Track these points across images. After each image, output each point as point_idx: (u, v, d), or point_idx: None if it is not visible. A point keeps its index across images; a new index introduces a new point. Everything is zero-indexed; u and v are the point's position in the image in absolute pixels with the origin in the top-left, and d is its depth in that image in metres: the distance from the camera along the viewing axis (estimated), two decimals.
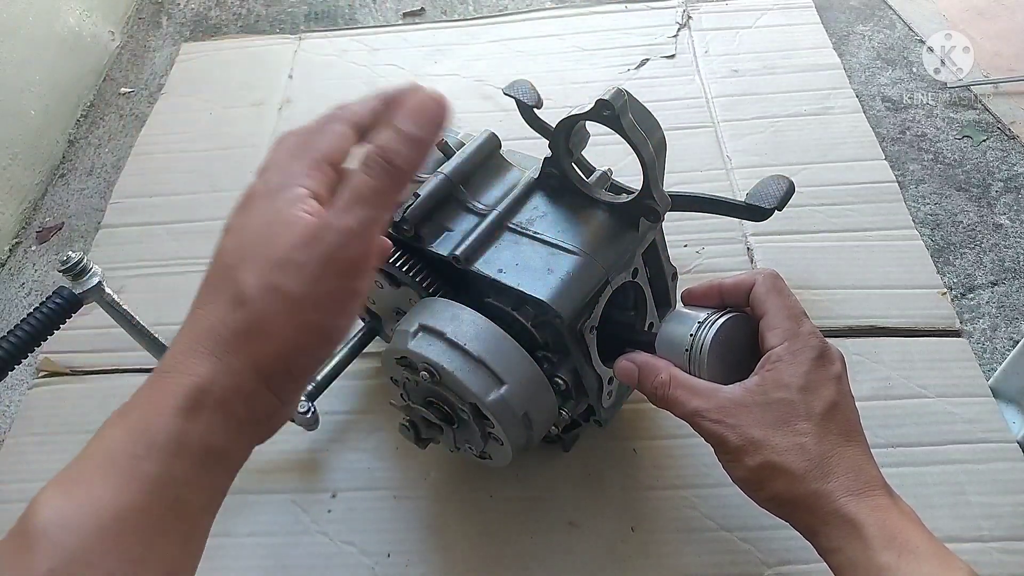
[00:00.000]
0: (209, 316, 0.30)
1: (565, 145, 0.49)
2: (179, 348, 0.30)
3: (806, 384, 0.40)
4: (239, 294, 0.29)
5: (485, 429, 0.47)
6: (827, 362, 0.41)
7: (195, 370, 0.29)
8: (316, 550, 0.56)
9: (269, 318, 0.29)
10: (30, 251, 0.83)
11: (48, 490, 0.29)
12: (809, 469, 0.38)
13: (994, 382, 0.61)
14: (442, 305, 0.47)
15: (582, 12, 1.00)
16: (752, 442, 0.39)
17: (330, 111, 0.33)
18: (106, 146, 0.93)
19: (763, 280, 0.44)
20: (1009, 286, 0.70)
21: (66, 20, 0.97)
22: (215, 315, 0.30)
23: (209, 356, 0.29)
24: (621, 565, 0.54)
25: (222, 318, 0.30)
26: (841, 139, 0.81)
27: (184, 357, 0.30)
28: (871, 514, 0.36)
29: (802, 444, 0.38)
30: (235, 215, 0.33)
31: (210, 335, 0.30)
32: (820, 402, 0.39)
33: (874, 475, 0.39)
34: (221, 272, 0.31)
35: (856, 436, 0.40)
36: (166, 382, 0.29)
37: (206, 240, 0.77)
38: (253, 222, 0.31)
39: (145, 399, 0.30)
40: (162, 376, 0.30)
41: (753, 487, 0.41)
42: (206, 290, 0.31)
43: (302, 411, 0.56)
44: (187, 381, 0.29)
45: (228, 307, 0.30)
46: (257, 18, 1.09)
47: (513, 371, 0.45)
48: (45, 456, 0.62)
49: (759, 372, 0.41)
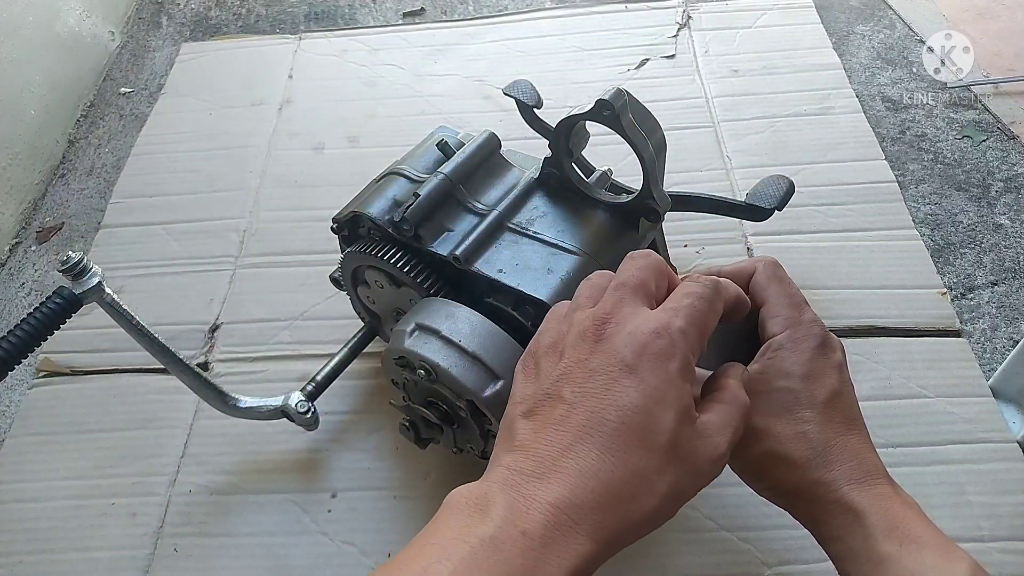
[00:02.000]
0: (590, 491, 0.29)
1: (565, 145, 0.49)
2: (551, 513, 0.29)
3: (808, 372, 0.39)
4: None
5: (484, 427, 0.47)
6: (829, 350, 0.40)
7: (576, 551, 0.28)
8: (316, 550, 0.56)
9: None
10: (30, 251, 0.83)
11: None
12: (812, 458, 0.37)
13: (994, 382, 0.61)
14: (438, 304, 0.48)
15: (582, 12, 1.00)
16: (754, 431, 0.38)
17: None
18: (106, 146, 0.93)
19: (764, 268, 0.43)
20: (1009, 286, 0.70)
21: (66, 20, 0.97)
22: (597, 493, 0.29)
23: (587, 539, 0.29)
24: (621, 565, 0.54)
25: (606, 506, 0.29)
26: (841, 139, 0.81)
27: (561, 533, 0.28)
28: (873, 503, 0.36)
29: (805, 433, 0.38)
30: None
31: (589, 513, 0.29)
32: (823, 390, 0.39)
33: (876, 464, 0.38)
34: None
35: (857, 424, 0.40)
36: (547, 556, 0.28)
37: (206, 240, 0.78)
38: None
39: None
40: (540, 547, 0.28)
41: (754, 476, 0.40)
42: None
43: (302, 411, 0.56)
44: (568, 564, 0.28)
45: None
46: (257, 18, 1.09)
47: (509, 366, 0.45)
48: (45, 456, 0.62)
49: (759, 360, 0.41)
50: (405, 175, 0.54)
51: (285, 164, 0.84)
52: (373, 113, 0.89)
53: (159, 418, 0.64)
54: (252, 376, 0.67)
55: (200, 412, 0.64)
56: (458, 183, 0.52)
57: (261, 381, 0.66)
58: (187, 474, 0.61)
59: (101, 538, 0.58)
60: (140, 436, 0.63)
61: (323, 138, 0.87)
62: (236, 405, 0.56)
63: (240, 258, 0.76)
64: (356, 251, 0.53)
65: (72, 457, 0.62)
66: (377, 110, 0.90)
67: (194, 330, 0.70)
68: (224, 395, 0.55)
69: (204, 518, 0.58)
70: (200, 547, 0.57)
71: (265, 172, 0.83)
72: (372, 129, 0.88)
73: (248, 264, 0.75)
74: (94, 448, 0.62)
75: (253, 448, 0.62)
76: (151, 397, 0.66)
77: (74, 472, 0.61)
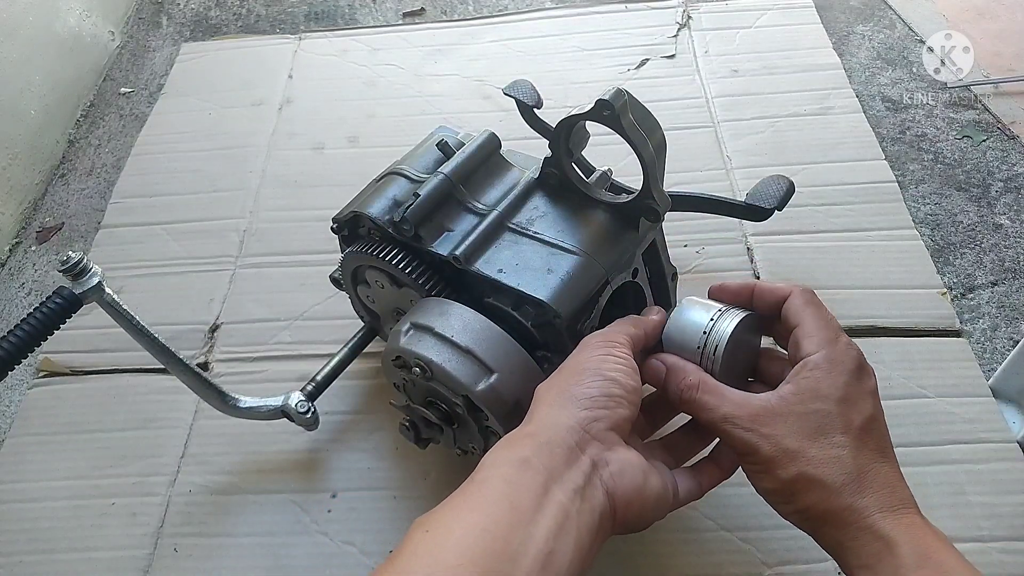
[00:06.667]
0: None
1: (565, 145, 0.49)
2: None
3: (845, 396, 0.38)
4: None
5: (482, 423, 0.47)
6: (865, 376, 0.40)
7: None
8: (316, 550, 0.56)
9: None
10: (30, 251, 0.83)
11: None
12: (846, 483, 0.37)
13: (994, 382, 0.61)
14: (433, 303, 0.48)
15: (582, 12, 1.00)
16: (786, 453, 0.38)
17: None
18: (106, 146, 0.93)
19: (800, 293, 0.43)
20: (1009, 286, 0.70)
21: (66, 20, 0.97)
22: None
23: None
24: (621, 565, 0.54)
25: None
26: (841, 139, 0.81)
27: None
28: (904, 532, 0.36)
29: (839, 457, 0.37)
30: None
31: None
32: (859, 416, 0.38)
33: (907, 494, 0.38)
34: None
35: (890, 453, 0.39)
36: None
37: (206, 240, 0.78)
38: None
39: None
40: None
41: (783, 499, 0.39)
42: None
43: (302, 411, 0.56)
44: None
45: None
46: (257, 18, 1.09)
47: (502, 360, 0.45)
48: (45, 456, 0.62)
49: (793, 380, 0.39)
50: (405, 175, 0.54)
51: (285, 164, 0.84)
52: (373, 113, 0.89)
53: (159, 418, 0.64)
54: (252, 376, 0.67)
55: (200, 412, 0.64)
56: (458, 183, 0.52)
57: (261, 381, 0.66)
58: (187, 474, 0.61)
59: (101, 538, 0.58)
60: (140, 436, 0.63)
61: (323, 138, 0.87)
62: (236, 405, 0.56)
63: (240, 258, 0.76)
64: (356, 251, 0.53)
65: (72, 457, 0.62)
66: (377, 110, 0.90)
67: (194, 330, 0.70)
68: (224, 395, 0.55)
69: (204, 518, 0.58)
70: (200, 547, 0.57)
71: (265, 172, 0.83)
72: (372, 129, 0.88)
73: (248, 264, 0.75)
74: (94, 448, 0.62)
75: (253, 448, 0.62)
76: (151, 397, 0.66)
77: (74, 472, 0.61)
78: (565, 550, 0.33)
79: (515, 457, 0.36)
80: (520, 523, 0.33)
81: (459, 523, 0.33)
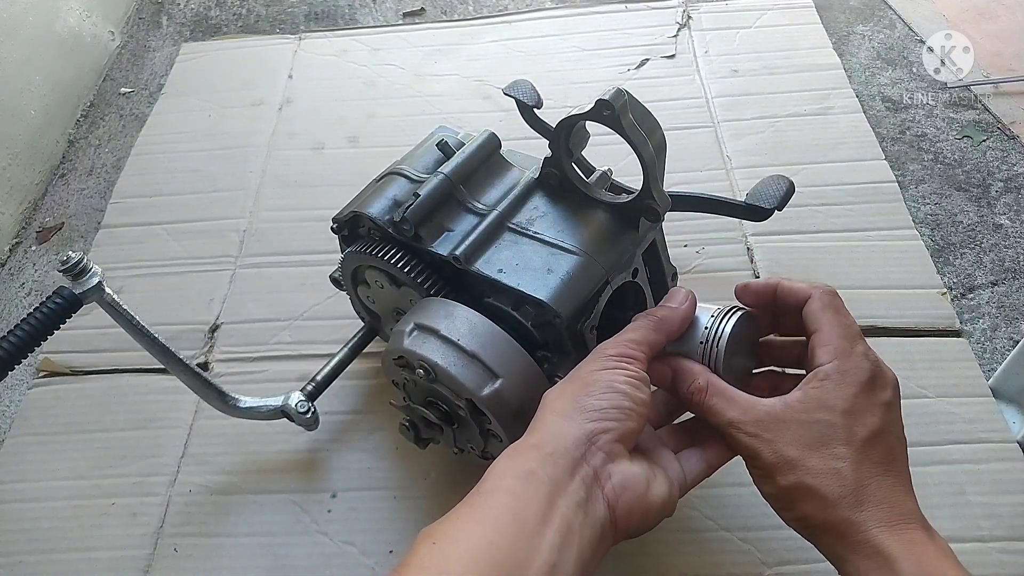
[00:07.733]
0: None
1: (565, 145, 0.49)
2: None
3: (851, 408, 0.38)
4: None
5: (484, 426, 0.47)
6: (877, 387, 0.39)
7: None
8: (316, 550, 0.56)
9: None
10: (30, 251, 0.83)
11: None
12: (843, 496, 0.37)
13: (994, 382, 0.61)
14: (437, 304, 0.48)
15: (582, 12, 1.00)
16: (786, 460, 0.38)
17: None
18: (106, 146, 0.93)
19: (820, 295, 0.42)
20: (1009, 286, 0.70)
21: (66, 20, 0.97)
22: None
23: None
24: (621, 565, 0.54)
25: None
26: (841, 139, 0.81)
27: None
28: (904, 548, 0.35)
29: (838, 469, 0.37)
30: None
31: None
32: (863, 428, 0.38)
33: (910, 508, 0.37)
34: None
35: (897, 467, 0.39)
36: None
37: (206, 240, 0.78)
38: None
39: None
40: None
41: (782, 506, 0.40)
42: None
43: (302, 411, 0.56)
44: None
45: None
46: (257, 18, 1.09)
47: (507, 365, 0.45)
48: (45, 456, 0.62)
49: (803, 388, 0.39)
50: (405, 175, 0.54)
51: (285, 164, 0.84)
52: (373, 113, 0.89)
53: (159, 418, 0.64)
54: (252, 376, 0.67)
55: (200, 412, 0.64)
56: (458, 183, 0.52)
57: (261, 381, 0.66)
58: (187, 474, 0.61)
59: (101, 538, 0.58)
60: (140, 436, 0.63)
61: (323, 138, 0.87)
62: (236, 405, 0.56)
63: (240, 258, 0.76)
64: (356, 251, 0.53)
65: (72, 457, 0.62)
66: (377, 110, 0.90)
67: (194, 330, 0.70)
68: (224, 395, 0.55)
69: (204, 518, 0.58)
70: (200, 547, 0.57)
71: (265, 172, 0.83)
72: (372, 129, 0.88)
73: (248, 264, 0.75)
74: (94, 448, 0.62)
75: (253, 448, 0.62)
76: (151, 397, 0.66)
77: (74, 472, 0.61)
78: (568, 563, 0.34)
79: (521, 469, 0.37)
80: (525, 536, 0.34)
81: (465, 535, 0.34)
